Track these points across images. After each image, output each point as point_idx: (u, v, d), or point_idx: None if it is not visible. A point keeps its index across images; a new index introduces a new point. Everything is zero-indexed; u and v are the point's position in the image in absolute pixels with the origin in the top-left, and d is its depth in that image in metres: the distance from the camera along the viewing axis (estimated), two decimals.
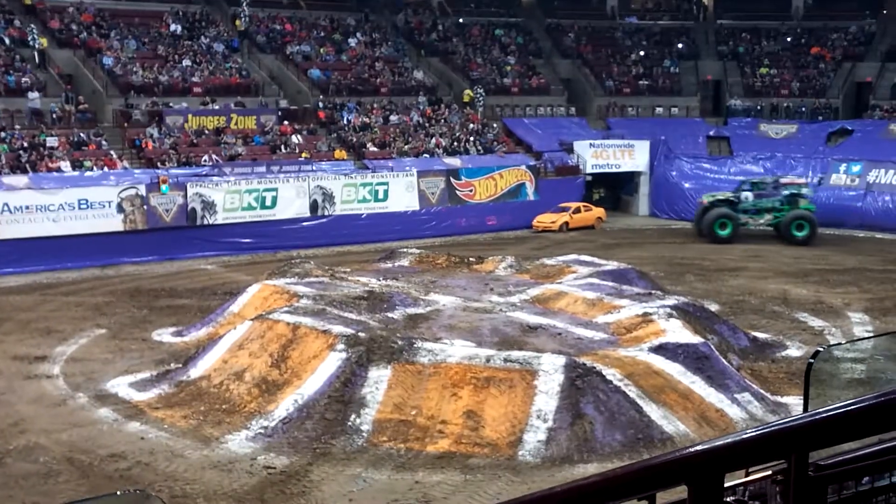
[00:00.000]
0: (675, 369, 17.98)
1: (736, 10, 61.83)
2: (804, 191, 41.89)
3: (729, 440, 3.06)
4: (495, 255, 30.83)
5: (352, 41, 53.39)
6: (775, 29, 60.21)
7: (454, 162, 44.57)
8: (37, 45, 42.88)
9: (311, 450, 16.12)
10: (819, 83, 55.24)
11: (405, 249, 32.32)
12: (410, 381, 17.43)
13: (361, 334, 18.90)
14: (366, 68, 51.43)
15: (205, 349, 20.93)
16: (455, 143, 46.56)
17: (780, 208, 41.38)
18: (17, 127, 38.28)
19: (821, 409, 3.00)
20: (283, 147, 42.60)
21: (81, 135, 38.92)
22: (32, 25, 43.69)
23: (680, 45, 60.39)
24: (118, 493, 3.59)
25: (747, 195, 41.55)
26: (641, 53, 59.67)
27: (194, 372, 19.87)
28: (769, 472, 3.31)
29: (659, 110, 54.92)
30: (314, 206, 39.96)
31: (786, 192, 41.53)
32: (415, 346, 18.25)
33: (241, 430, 17.00)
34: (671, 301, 22.52)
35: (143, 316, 26.88)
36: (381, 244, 38.61)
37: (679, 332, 19.70)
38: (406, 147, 45.15)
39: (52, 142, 37.53)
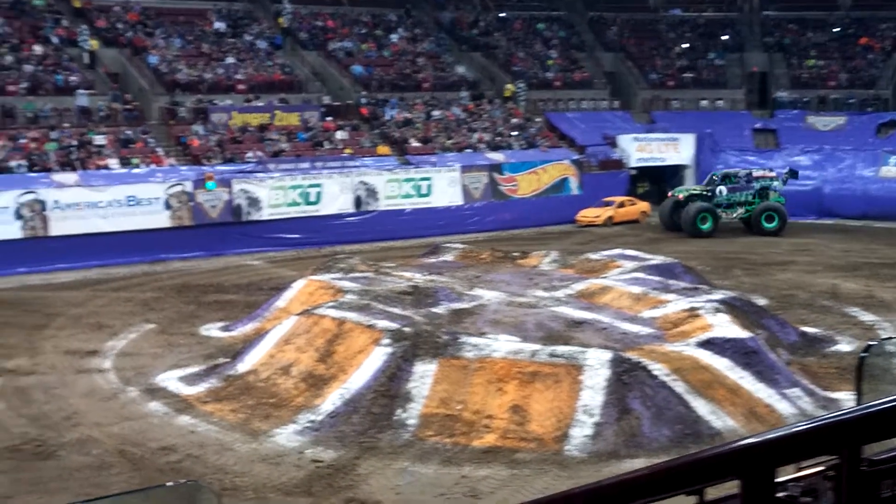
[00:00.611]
0: (722, 364, 17.85)
1: (782, 1, 61.18)
2: (775, 184, 41.84)
3: (780, 433, 3.05)
4: (539, 250, 30.74)
5: (393, 37, 53.50)
6: (822, 19, 59.48)
7: (497, 157, 44.56)
8: (87, 47, 43.36)
9: (358, 443, 16.19)
10: (868, 74, 54.55)
11: (449, 244, 32.33)
12: (456, 375, 17.44)
13: (406, 329, 18.94)
14: (408, 64, 51.53)
15: (252, 344, 21.08)
16: (498, 138, 46.53)
17: (751, 201, 41.41)
18: (66, 125, 38.78)
19: (873, 403, 2.99)
20: (326, 143, 42.80)
21: (129, 132, 39.38)
22: (84, 26, 44.18)
23: (725, 37, 59.87)
24: (168, 484, 3.65)
25: (721, 189, 41.37)
26: (685, 46, 59.26)
27: (242, 366, 20.03)
28: (821, 468, 3.30)
29: (704, 103, 54.50)
30: (358, 202, 40.11)
31: (757, 186, 41.51)
32: (460, 340, 18.26)
33: (289, 423, 17.11)
34: (718, 295, 22.34)
35: (191, 311, 27.14)
36: (424, 239, 38.57)
37: (727, 327, 19.54)
38: (449, 142, 45.18)
39: (100, 139, 38.00)
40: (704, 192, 41.35)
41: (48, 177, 34.83)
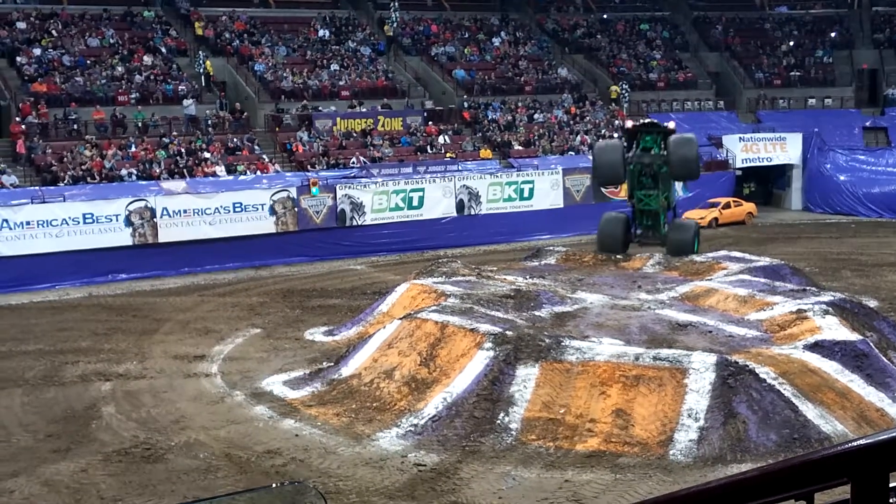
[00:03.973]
0: (831, 367, 17.42)
1: None
2: None
3: (894, 434, 2.93)
4: (643, 252, 30.40)
5: (496, 41, 53.51)
6: None
7: None
8: (202, 70, 44.22)
9: (461, 447, 16.20)
10: None
11: (551, 247, 32.17)
12: (558, 379, 17.34)
13: (509, 333, 18.88)
14: (510, 67, 51.48)
15: (355, 348, 21.24)
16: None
17: None
18: (175, 134, 39.63)
19: None
20: (429, 147, 42.99)
21: (235, 140, 40.08)
22: (200, 52, 45.01)
23: (833, 34, 58.54)
24: (273, 485, 3.66)
25: None
26: (792, 44, 58.10)
27: (346, 370, 20.20)
28: None
29: (812, 102, 53.33)
30: (460, 206, 40.16)
31: None
32: (562, 344, 18.15)
33: (392, 427, 17.20)
34: (827, 297, 21.80)
35: (295, 316, 27.48)
36: (526, 242, 38.57)
37: (836, 330, 19.06)
38: (551, 145, 44.99)
39: (207, 148, 38.71)
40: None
41: (157, 184, 35.59)
